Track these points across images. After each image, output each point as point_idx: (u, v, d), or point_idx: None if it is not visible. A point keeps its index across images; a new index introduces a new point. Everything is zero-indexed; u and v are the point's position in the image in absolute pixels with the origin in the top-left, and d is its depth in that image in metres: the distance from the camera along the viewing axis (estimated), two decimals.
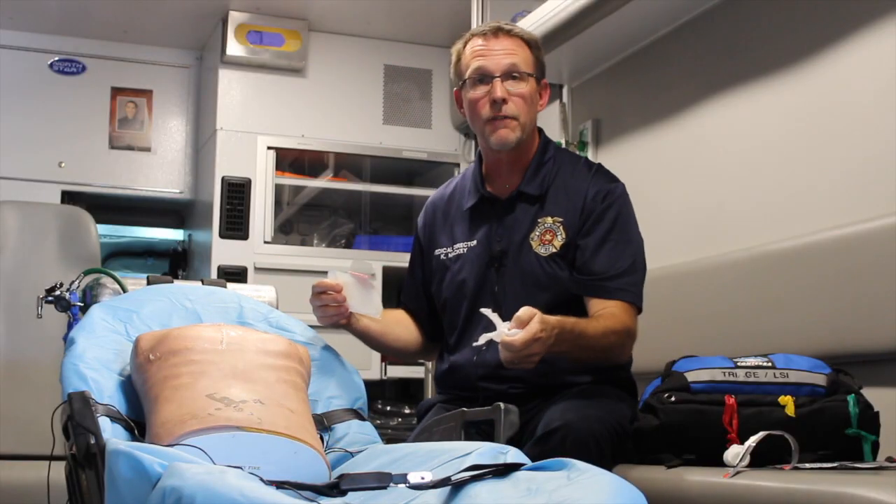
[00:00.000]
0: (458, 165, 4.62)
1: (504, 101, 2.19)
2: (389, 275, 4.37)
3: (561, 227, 2.21)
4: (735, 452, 1.77)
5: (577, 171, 2.27)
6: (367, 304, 2.21)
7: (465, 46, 2.29)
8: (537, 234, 2.22)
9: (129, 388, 1.84)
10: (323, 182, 4.63)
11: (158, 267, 5.03)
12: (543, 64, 2.30)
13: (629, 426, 2.02)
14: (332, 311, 2.19)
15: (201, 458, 1.53)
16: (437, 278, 2.36)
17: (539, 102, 2.28)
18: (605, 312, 2.12)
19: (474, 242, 2.30)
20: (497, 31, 2.24)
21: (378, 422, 4.22)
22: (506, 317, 2.05)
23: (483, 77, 2.22)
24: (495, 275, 2.24)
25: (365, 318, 2.27)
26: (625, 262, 2.18)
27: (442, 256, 2.36)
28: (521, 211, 2.26)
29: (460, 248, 2.32)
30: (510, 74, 2.21)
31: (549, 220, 2.22)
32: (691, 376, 1.94)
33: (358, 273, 2.20)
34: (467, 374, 2.23)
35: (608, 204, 2.21)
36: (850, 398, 1.87)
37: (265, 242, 4.35)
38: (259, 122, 4.44)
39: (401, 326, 2.42)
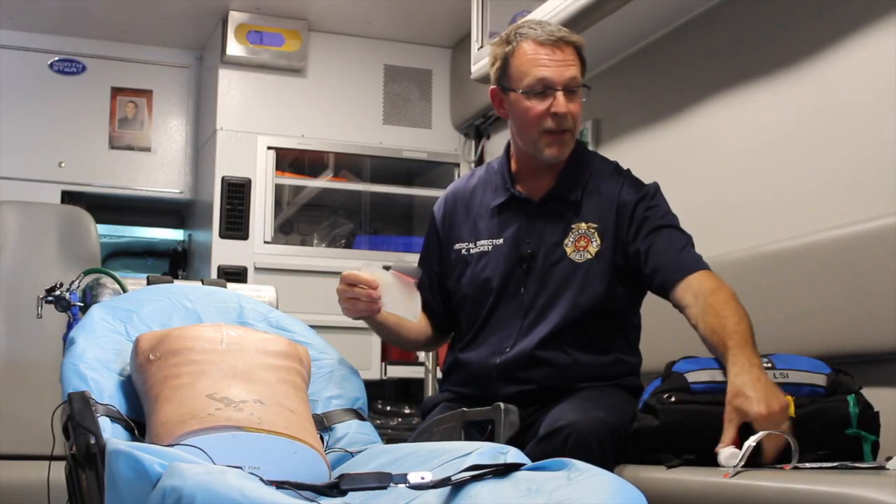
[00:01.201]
0: (457, 165, 4.62)
1: (565, 115, 2.16)
2: None
3: (596, 234, 2.19)
4: (730, 453, 1.77)
5: (611, 177, 2.25)
6: (406, 307, 2.17)
7: (515, 48, 2.20)
8: (572, 239, 2.20)
9: (129, 388, 1.84)
10: (323, 182, 4.63)
11: (158, 267, 5.03)
12: (584, 69, 2.25)
13: (631, 427, 2.02)
14: (363, 307, 2.15)
15: (201, 458, 1.53)
16: (457, 273, 2.31)
17: None
18: (703, 287, 2.06)
19: (501, 241, 2.26)
20: (559, 42, 2.17)
21: (378, 422, 4.21)
22: (529, 320, 2.11)
23: (545, 88, 2.16)
24: (523, 276, 2.22)
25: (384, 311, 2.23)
26: (683, 238, 2.18)
27: (463, 251, 2.32)
28: (554, 214, 2.23)
29: (485, 245, 2.29)
30: (570, 88, 2.17)
31: (584, 225, 2.20)
32: (691, 377, 1.94)
33: (402, 274, 2.16)
34: (482, 373, 2.21)
35: (653, 203, 2.21)
36: (850, 398, 1.87)
37: (265, 242, 4.35)
38: (259, 122, 4.44)
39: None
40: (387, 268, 2.18)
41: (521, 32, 2.21)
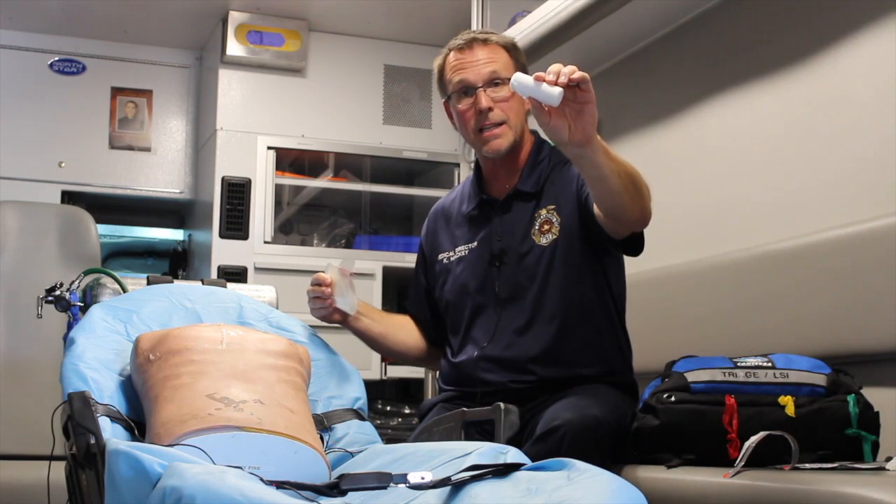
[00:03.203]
0: (457, 165, 4.62)
1: (490, 109, 2.22)
2: (389, 275, 4.38)
3: (555, 213, 2.24)
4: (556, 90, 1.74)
5: (569, 166, 2.27)
6: (345, 300, 2.26)
7: (444, 61, 2.32)
8: (536, 227, 2.25)
9: (129, 388, 1.84)
10: (323, 182, 4.63)
11: (158, 267, 5.03)
12: (525, 66, 2.31)
13: (629, 426, 2.02)
14: (319, 304, 2.25)
15: (201, 458, 1.53)
16: (441, 282, 2.39)
17: (526, 105, 2.28)
18: None
19: (475, 244, 2.33)
20: (472, 42, 2.27)
21: (378, 422, 4.22)
22: (506, 316, 2.08)
23: (466, 89, 2.25)
24: (496, 273, 2.26)
25: (364, 319, 2.33)
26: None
27: (444, 260, 2.39)
28: (518, 209, 2.28)
29: (462, 250, 2.35)
30: (492, 82, 2.24)
31: (544, 211, 2.25)
32: (691, 376, 1.94)
33: (342, 268, 2.26)
34: (470, 372, 2.25)
35: None
36: (850, 398, 1.87)
37: (265, 242, 4.35)
38: (259, 122, 4.44)
39: (404, 331, 2.45)
40: None
41: (449, 46, 2.32)
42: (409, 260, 3.94)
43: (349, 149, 4.59)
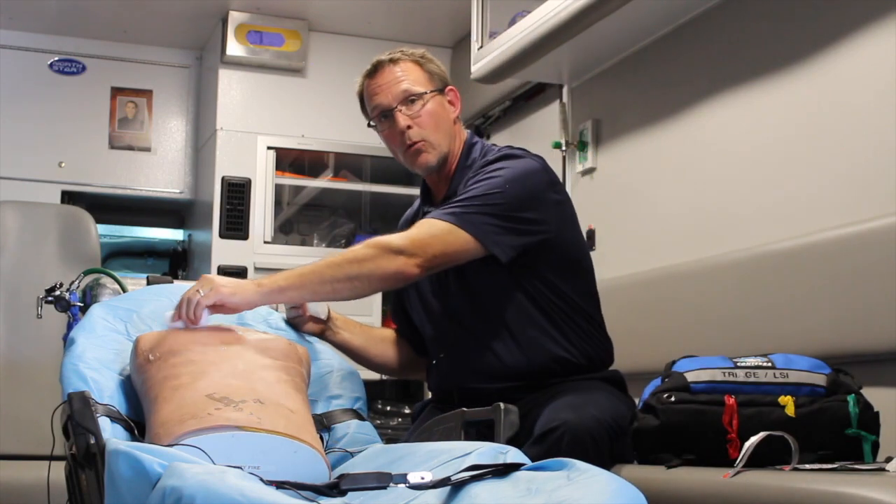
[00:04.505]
0: None
1: (409, 127, 2.22)
2: None
3: None
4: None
5: (486, 168, 2.23)
6: (315, 304, 2.23)
7: (361, 89, 2.32)
8: None
9: (129, 388, 1.84)
10: (323, 182, 4.63)
11: (158, 267, 5.03)
12: (440, 72, 2.31)
13: (627, 425, 2.02)
14: (295, 313, 2.22)
15: (201, 458, 1.53)
16: (406, 293, 2.39)
17: (451, 111, 2.29)
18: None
19: None
20: (378, 66, 2.28)
21: (378, 422, 4.22)
22: (455, 319, 2.18)
23: (384, 112, 2.24)
24: (444, 278, 2.25)
25: (343, 332, 2.31)
26: (475, 192, 2.14)
27: None
28: None
29: None
30: (407, 100, 2.23)
31: None
32: (691, 376, 1.94)
33: None
34: (441, 381, 2.28)
35: (483, 171, 2.19)
36: (850, 398, 1.87)
37: (265, 242, 4.35)
38: (259, 122, 4.44)
39: (384, 343, 2.44)
40: None
41: (362, 74, 2.33)
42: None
43: (349, 149, 4.59)
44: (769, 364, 1.93)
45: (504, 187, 2.13)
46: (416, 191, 4.66)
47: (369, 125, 2.34)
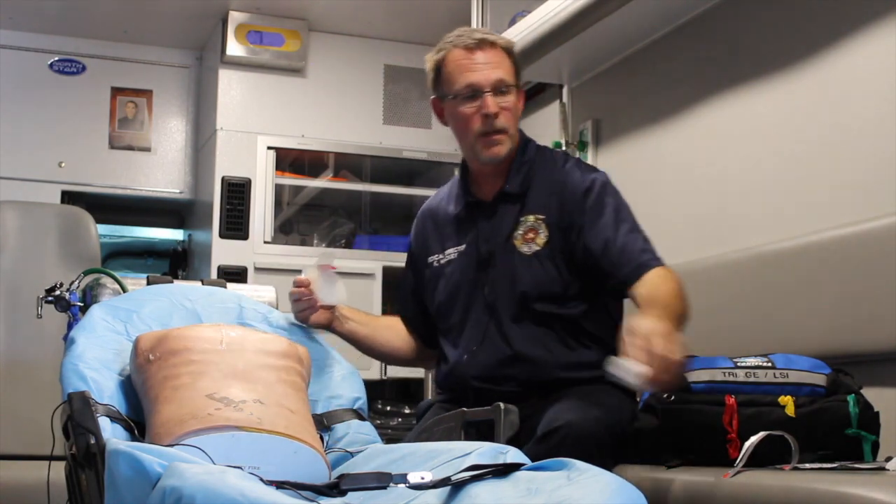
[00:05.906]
0: (458, 165, 4.61)
1: (496, 115, 2.21)
2: (389, 275, 4.37)
3: (543, 225, 2.22)
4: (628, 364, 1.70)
5: (556, 167, 2.28)
6: (332, 294, 2.22)
7: (444, 58, 2.27)
8: (520, 232, 2.23)
9: (129, 388, 1.84)
10: (323, 182, 4.63)
11: (158, 267, 5.03)
12: (519, 69, 2.31)
13: (629, 426, 2.02)
14: (304, 306, 2.21)
15: (201, 458, 1.53)
16: (432, 286, 2.37)
17: (520, 109, 2.30)
18: (652, 280, 2.09)
19: (463, 247, 2.32)
20: (481, 43, 2.24)
21: (378, 422, 4.21)
22: (495, 319, 2.15)
23: (474, 92, 2.22)
24: (484, 276, 2.25)
25: (351, 322, 2.31)
26: (640, 242, 2.18)
27: (435, 264, 2.38)
28: (503, 211, 2.27)
29: (451, 253, 2.34)
30: (499, 88, 2.22)
31: (532, 218, 2.23)
32: (691, 376, 1.94)
33: (323, 265, 2.23)
34: (461, 375, 2.25)
35: (599, 197, 2.21)
36: (850, 398, 1.87)
37: (265, 242, 4.35)
38: (259, 122, 4.44)
39: (391, 332, 2.43)
40: None
41: (449, 41, 2.28)
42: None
43: (349, 149, 4.59)
44: (769, 364, 1.94)
45: (640, 228, 2.22)
46: (416, 191, 4.74)
47: (440, 97, 2.30)
